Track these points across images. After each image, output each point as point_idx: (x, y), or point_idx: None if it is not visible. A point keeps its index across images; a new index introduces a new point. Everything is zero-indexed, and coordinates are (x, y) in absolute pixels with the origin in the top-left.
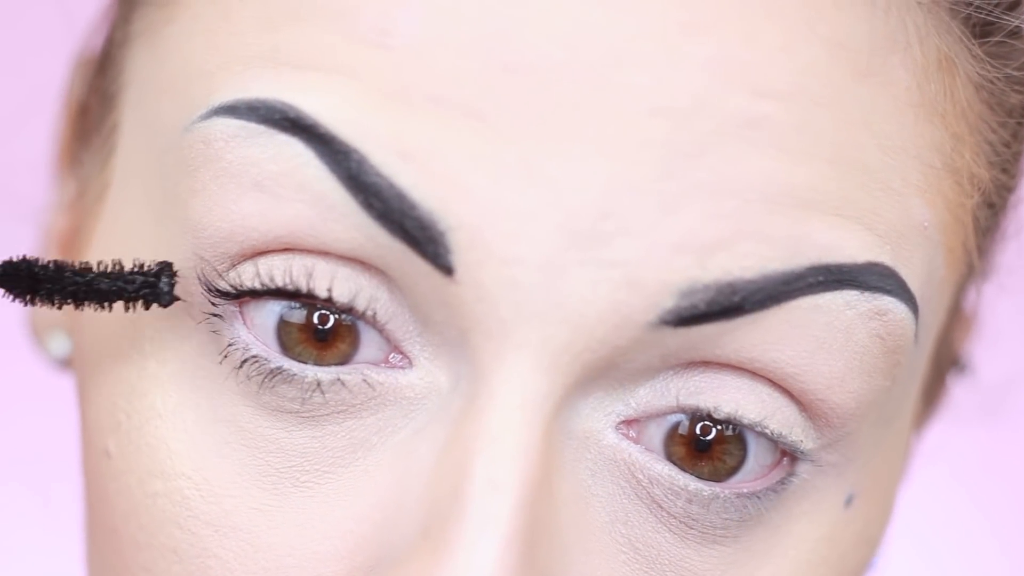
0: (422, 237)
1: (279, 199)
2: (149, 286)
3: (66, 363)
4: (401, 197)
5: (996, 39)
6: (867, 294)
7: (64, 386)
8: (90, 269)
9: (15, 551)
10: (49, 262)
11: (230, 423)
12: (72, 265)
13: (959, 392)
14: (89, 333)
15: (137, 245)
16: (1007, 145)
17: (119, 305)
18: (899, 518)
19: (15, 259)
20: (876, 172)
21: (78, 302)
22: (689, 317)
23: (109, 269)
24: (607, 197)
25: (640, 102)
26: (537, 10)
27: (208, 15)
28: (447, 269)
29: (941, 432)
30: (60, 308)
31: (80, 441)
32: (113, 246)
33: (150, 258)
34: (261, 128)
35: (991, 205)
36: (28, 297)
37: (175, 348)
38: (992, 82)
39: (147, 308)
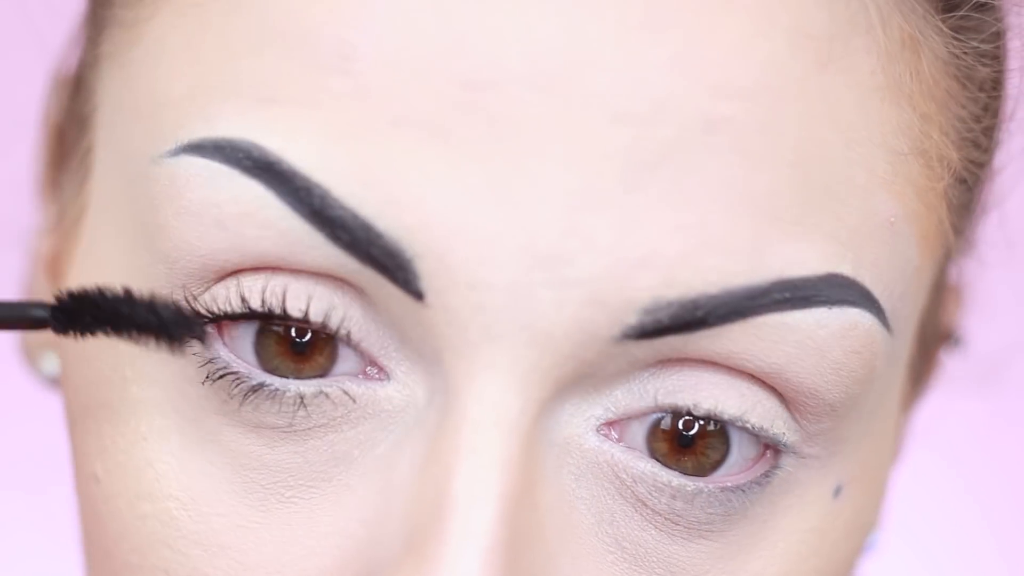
0: (391, 264)
1: (243, 237)
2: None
3: (58, 382)
4: (367, 228)
5: (962, 12)
6: (835, 310)
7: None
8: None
9: (15, 555)
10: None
11: (213, 443)
12: (124, 296)
13: (954, 367)
14: (73, 357)
15: (114, 270)
16: (978, 120)
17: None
18: (890, 504)
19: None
20: (840, 168)
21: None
22: (652, 331)
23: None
24: (570, 214)
25: (600, 109)
26: (495, 23)
27: (171, 40)
28: (417, 294)
29: (935, 414)
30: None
31: (72, 463)
32: (91, 270)
33: (126, 281)
34: (224, 169)
35: (963, 181)
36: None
37: (155, 374)
38: (959, 56)
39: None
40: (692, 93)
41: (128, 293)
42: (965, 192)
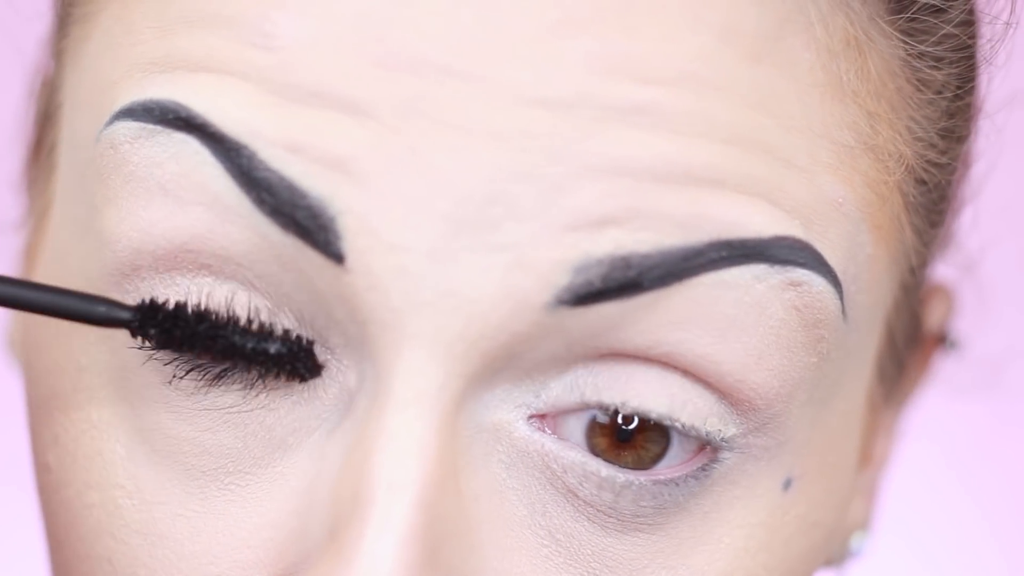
0: (313, 226)
1: (181, 202)
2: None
3: None
4: (291, 188)
5: (908, 15)
6: (777, 267)
7: None
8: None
9: (13, 554)
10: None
11: (156, 430)
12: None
13: (952, 368)
14: (31, 348)
15: (69, 259)
16: (934, 122)
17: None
18: (887, 501)
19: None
20: (778, 150)
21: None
22: (585, 295)
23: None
24: (494, 184)
25: (520, 95)
26: (410, 13)
27: (115, 29)
28: (338, 256)
29: (930, 413)
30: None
31: (31, 458)
32: (52, 263)
33: (78, 272)
34: (159, 128)
35: (922, 182)
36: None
37: (105, 361)
38: (909, 60)
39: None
40: (614, 82)
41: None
42: (925, 193)
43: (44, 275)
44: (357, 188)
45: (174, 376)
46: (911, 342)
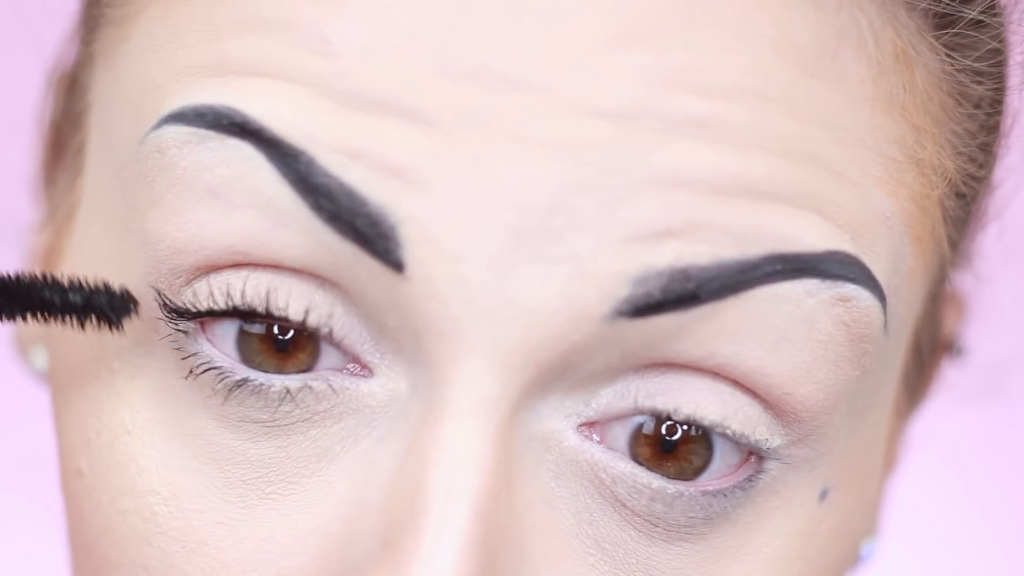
0: (372, 234)
1: (232, 205)
2: (111, 306)
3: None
4: (351, 195)
5: (954, 31)
6: (828, 282)
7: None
8: (59, 285)
9: (14, 559)
10: (16, 276)
11: (197, 437)
12: (40, 280)
13: (956, 375)
14: (60, 350)
15: (102, 263)
16: (974, 136)
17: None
18: (892, 507)
19: None
20: (832, 164)
21: (43, 317)
22: (644, 306)
23: (76, 284)
24: (555, 194)
25: (580, 106)
26: (470, 22)
27: (159, 31)
28: (398, 265)
29: (935, 419)
30: (26, 322)
31: (58, 461)
32: (81, 265)
33: (113, 275)
34: (211, 133)
35: (961, 195)
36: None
37: (141, 365)
38: (953, 74)
39: (105, 327)
40: (673, 95)
41: (49, 277)
42: (963, 206)
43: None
44: (418, 196)
45: (191, 372)
46: (932, 350)
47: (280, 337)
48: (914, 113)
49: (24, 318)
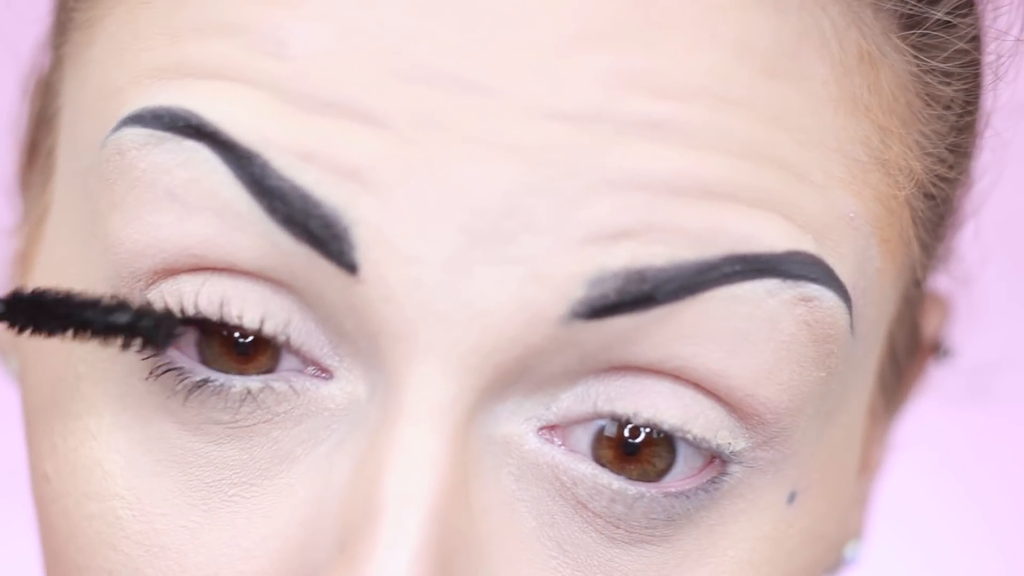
0: (326, 235)
1: (189, 208)
2: (156, 328)
3: None
4: (305, 197)
5: (921, 31)
6: (790, 282)
7: None
8: (103, 305)
9: (9, 565)
10: (58, 295)
11: (160, 440)
12: (83, 300)
13: (947, 376)
14: (29, 356)
15: (68, 268)
16: (943, 137)
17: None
18: (887, 505)
19: (23, 292)
20: (793, 165)
21: (83, 335)
22: (600, 308)
23: (121, 305)
24: (511, 197)
25: (537, 108)
26: (427, 25)
27: (121, 35)
28: (351, 267)
29: (929, 419)
30: (65, 339)
31: (28, 468)
32: (49, 270)
33: (78, 280)
34: (168, 135)
35: (930, 196)
36: (30, 329)
37: (105, 369)
38: (920, 75)
39: (148, 348)
40: (631, 97)
41: (93, 297)
42: (933, 208)
43: (40, 280)
44: (372, 198)
45: (151, 373)
46: (910, 353)
47: (240, 340)
48: (879, 114)
49: (64, 335)
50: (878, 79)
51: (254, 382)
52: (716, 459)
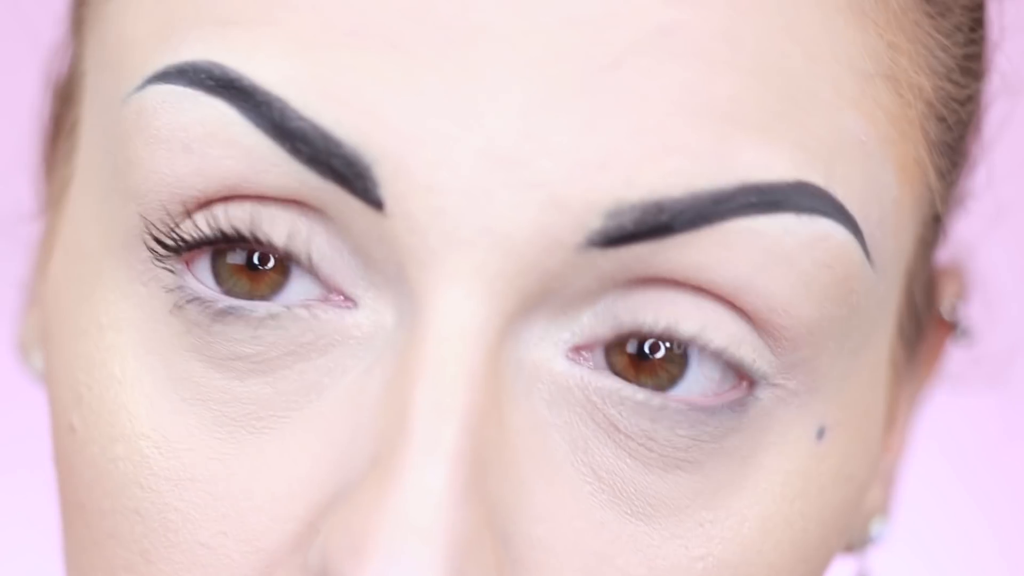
0: (350, 174)
1: (208, 158)
2: None
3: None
4: (326, 137)
5: None
6: (803, 218)
7: None
8: None
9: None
10: None
11: (185, 380)
12: None
13: (959, 362)
14: (52, 315)
15: (91, 223)
16: (952, 55)
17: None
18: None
19: None
20: (803, 82)
21: None
22: (617, 237)
23: None
24: (526, 118)
25: (551, 14)
26: None
27: None
28: (377, 203)
29: (931, 410)
30: None
31: (50, 429)
32: (72, 232)
33: (98, 235)
34: (188, 91)
35: (942, 119)
36: None
37: (129, 316)
38: None
39: None
40: (644, 0)
41: None
42: (945, 130)
43: (65, 247)
44: (391, 132)
45: (176, 305)
46: (928, 304)
47: (257, 266)
48: (887, 29)
49: None
50: None
51: (274, 307)
52: (743, 382)
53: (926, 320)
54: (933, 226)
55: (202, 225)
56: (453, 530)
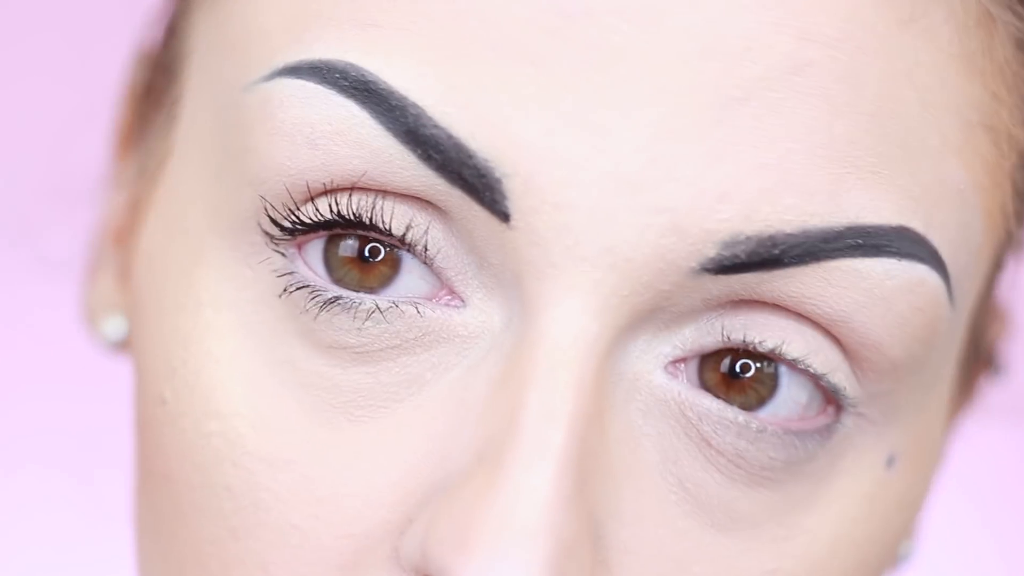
0: (479, 185)
1: (333, 155)
2: None
3: (120, 347)
4: (459, 147)
5: None
6: (904, 262)
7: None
8: None
9: (58, 537)
10: None
11: (285, 364)
12: None
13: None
14: (147, 289)
15: (196, 200)
16: None
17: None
18: None
19: None
20: (916, 128)
21: None
22: (729, 266)
23: None
24: (656, 144)
25: (690, 43)
26: None
27: None
28: (503, 215)
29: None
30: None
31: (134, 399)
32: (171, 206)
33: (204, 212)
34: (320, 89)
35: None
36: None
37: (232, 297)
38: None
39: None
40: (779, 35)
41: None
42: None
43: (161, 220)
44: (523, 149)
45: (284, 290)
46: (981, 342)
47: (367, 256)
48: (991, 79)
49: None
50: (992, 43)
51: (382, 301)
52: (829, 407)
53: (978, 351)
54: (999, 266)
55: (323, 209)
56: (557, 531)
